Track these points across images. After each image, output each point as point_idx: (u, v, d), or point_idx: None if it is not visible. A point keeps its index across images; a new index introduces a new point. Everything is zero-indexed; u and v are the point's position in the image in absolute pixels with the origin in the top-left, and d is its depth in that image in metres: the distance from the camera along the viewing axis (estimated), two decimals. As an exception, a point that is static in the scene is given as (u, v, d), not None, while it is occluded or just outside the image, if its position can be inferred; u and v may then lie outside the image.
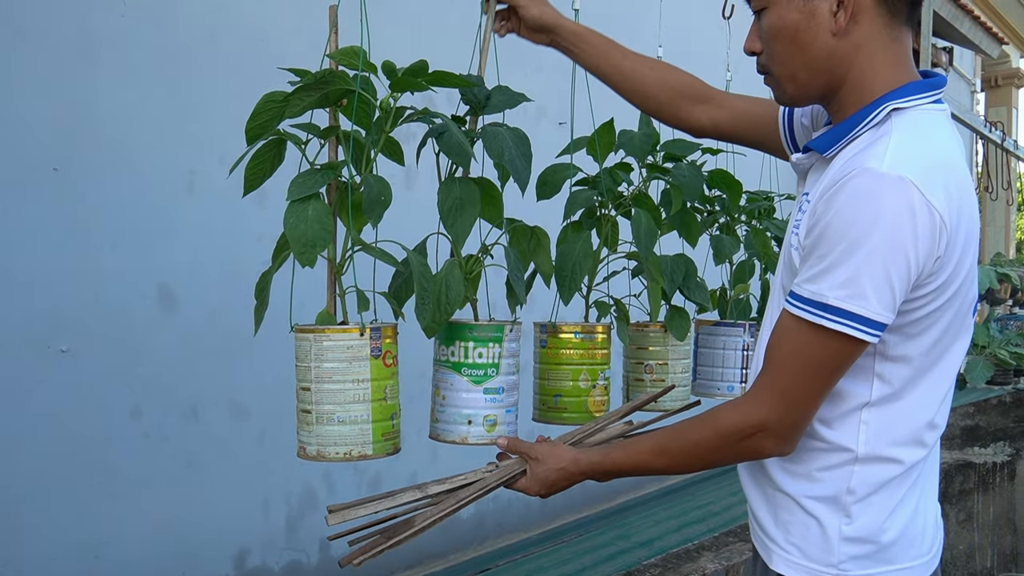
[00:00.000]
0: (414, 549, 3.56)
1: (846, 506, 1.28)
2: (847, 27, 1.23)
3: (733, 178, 2.24)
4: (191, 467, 2.85)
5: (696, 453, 1.33)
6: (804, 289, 1.20)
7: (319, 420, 1.43)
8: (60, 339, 2.54)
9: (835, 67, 1.26)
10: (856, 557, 1.28)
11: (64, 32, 2.53)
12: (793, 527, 1.32)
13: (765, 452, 1.28)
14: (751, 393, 1.28)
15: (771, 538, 1.35)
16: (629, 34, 4.45)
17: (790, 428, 1.25)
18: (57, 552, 2.53)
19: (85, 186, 2.58)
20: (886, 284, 1.15)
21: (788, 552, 1.32)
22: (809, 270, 1.19)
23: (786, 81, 1.30)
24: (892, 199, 1.13)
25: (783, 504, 1.33)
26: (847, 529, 1.28)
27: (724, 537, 3.42)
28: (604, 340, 1.88)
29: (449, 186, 1.56)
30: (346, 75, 1.45)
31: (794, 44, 1.26)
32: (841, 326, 1.17)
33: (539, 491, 1.48)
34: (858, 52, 1.24)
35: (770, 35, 1.29)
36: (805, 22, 1.24)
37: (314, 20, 2.85)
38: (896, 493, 1.29)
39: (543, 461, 1.46)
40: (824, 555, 1.29)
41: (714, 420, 1.30)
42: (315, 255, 1.39)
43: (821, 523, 1.29)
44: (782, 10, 1.26)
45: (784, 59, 1.28)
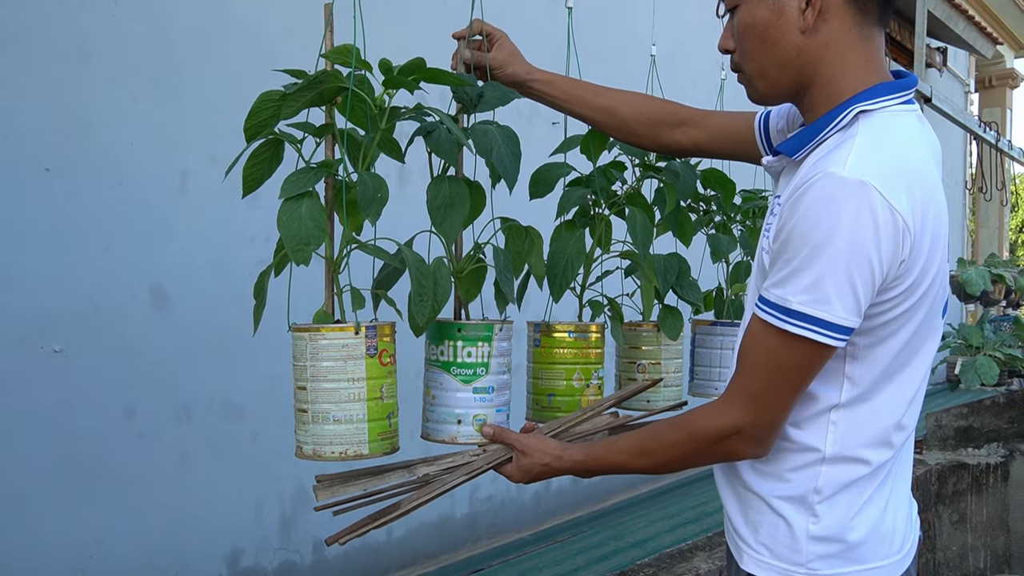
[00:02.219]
0: (407, 549, 3.56)
1: (812, 505, 1.29)
2: (816, 25, 1.24)
3: (726, 177, 2.25)
4: (184, 467, 2.84)
5: (672, 455, 1.34)
6: (770, 293, 1.21)
7: (315, 419, 1.43)
8: (53, 339, 2.53)
9: (804, 65, 1.26)
10: (824, 556, 1.29)
11: (56, 32, 2.52)
12: (762, 527, 1.33)
13: (740, 454, 1.29)
14: (724, 397, 1.29)
15: (742, 538, 1.36)
16: (622, 34, 4.47)
17: (764, 431, 1.26)
18: (51, 551, 2.53)
19: (77, 186, 2.58)
20: (849, 288, 1.15)
21: (758, 552, 1.33)
22: (775, 274, 1.20)
23: (757, 78, 1.31)
24: (853, 203, 1.13)
25: (753, 504, 1.34)
26: (814, 528, 1.29)
27: (718, 537, 3.42)
28: (598, 339, 1.87)
29: (439, 184, 1.56)
30: (340, 73, 1.45)
31: (764, 41, 1.27)
32: (805, 331, 1.17)
33: (522, 479, 1.49)
34: (827, 50, 1.25)
35: (741, 32, 1.29)
36: (774, 19, 1.25)
37: (306, 21, 2.85)
38: (863, 493, 1.29)
39: (529, 454, 1.47)
40: (792, 554, 1.30)
41: (689, 423, 1.31)
42: (309, 253, 1.38)
43: (789, 523, 1.30)
44: (752, 7, 1.27)
45: (755, 56, 1.29)
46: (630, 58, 3.38)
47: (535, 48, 1.79)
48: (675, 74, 2.92)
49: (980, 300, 6.25)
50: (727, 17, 1.37)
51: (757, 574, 1.33)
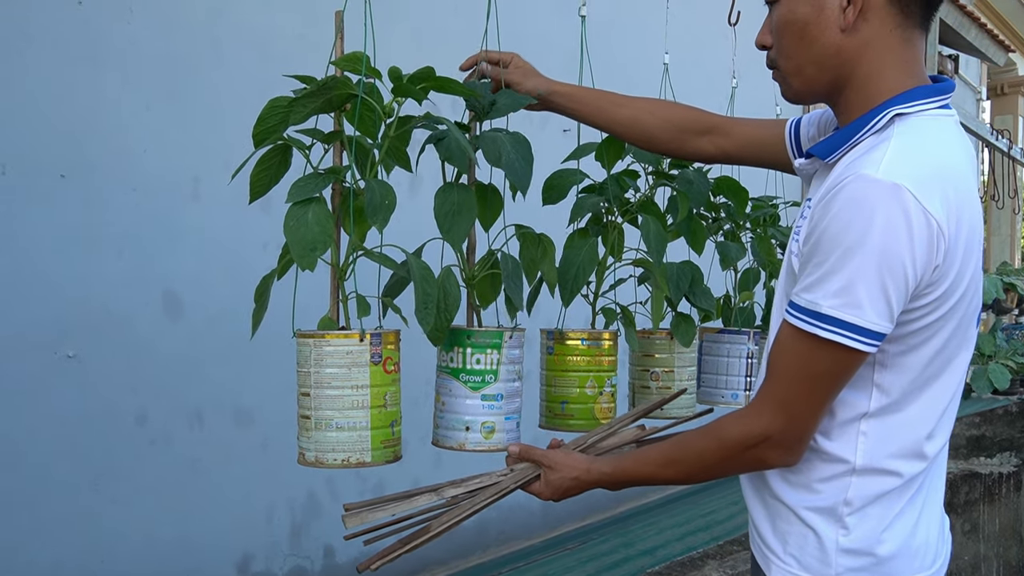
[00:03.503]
0: (417, 557, 3.55)
1: (842, 517, 1.27)
2: (856, 24, 1.21)
3: (739, 185, 2.24)
4: (195, 472, 2.85)
5: (702, 464, 1.32)
6: (800, 298, 1.18)
7: (318, 426, 1.43)
8: (66, 344, 2.54)
9: (842, 64, 1.24)
10: (854, 570, 1.26)
11: (71, 39, 2.54)
12: (791, 537, 1.31)
13: (770, 463, 1.27)
14: (754, 404, 1.27)
15: (769, 548, 1.34)
16: (635, 42, 4.47)
17: (794, 439, 1.24)
18: (62, 557, 2.53)
19: (91, 193, 2.59)
20: (881, 293, 1.13)
21: (786, 563, 1.31)
22: (806, 279, 1.18)
23: (792, 76, 1.29)
24: (886, 205, 1.11)
25: (781, 514, 1.32)
26: (844, 541, 1.27)
27: (728, 546, 3.41)
28: (611, 347, 1.87)
29: (447, 191, 1.56)
30: (349, 80, 1.45)
31: (803, 38, 1.25)
32: (835, 335, 1.15)
33: (551, 496, 1.48)
34: (866, 51, 1.22)
35: (780, 28, 1.28)
36: (814, 16, 1.23)
37: (317, 27, 2.86)
38: (894, 506, 1.27)
39: (557, 469, 1.46)
40: (821, 567, 1.28)
41: (718, 431, 1.29)
42: (315, 258, 1.38)
43: (818, 534, 1.28)
44: (792, 3, 1.25)
45: (792, 53, 1.27)
46: (643, 66, 3.39)
47: (548, 56, 1.79)
48: (688, 82, 2.92)
49: (992, 308, 6.23)
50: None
51: None
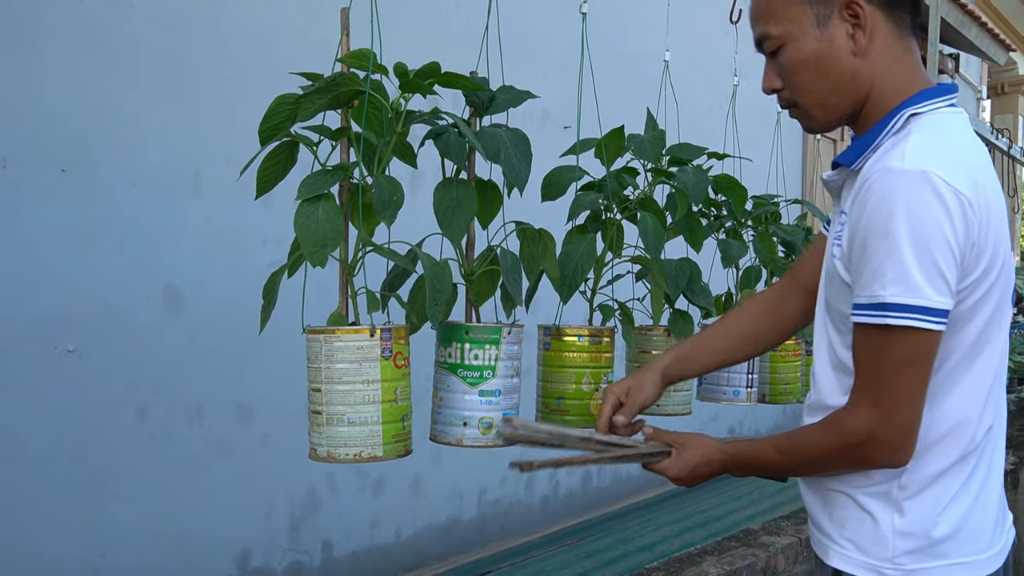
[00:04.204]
0: (416, 551, 3.57)
1: (897, 501, 1.31)
2: (866, 46, 1.29)
3: (738, 183, 2.25)
4: (196, 468, 2.86)
5: (811, 457, 1.36)
6: (861, 297, 1.23)
7: (329, 421, 1.43)
8: (66, 339, 2.55)
9: (860, 85, 1.31)
10: (909, 551, 1.30)
11: (73, 35, 2.54)
12: (848, 523, 1.35)
13: (876, 462, 1.29)
14: (848, 405, 1.30)
15: (827, 535, 1.38)
16: (636, 39, 4.46)
17: (897, 434, 1.26)
18: (63, 551, 2.54)
19: (92, 187, 2.60)
20: (936, 271, 1.18)
21: (844, 547, 1.35)
22: (860, 278, 1.23)
23: (815, 108, 1.35)
24: (918, 190, 1.17)
25: (837, 501, 1.36)
26: (900, 523, 1.30)
27: (726, 542, 3.42)
28: (608, 343, 1.88)
29: (446, 187, 1.57)
30: (357, 77, 1.46)
31: (819, 72, 1.31)
32: (905, 320, 1.19)
33: (679, 473, 1.49)
34: (877, 67, 1.30)
35: (792, 69, 1.33)
36: (825, 49, 1.30)
37: (320, 24, 2.86)
38: (948, 489, 1.30)
39: (689, 447, 1.49)
40: (879, 550, 1.32)
41: (829, 427, 1.32)
42: (326, 255, 1.39)
43: (875, 518, 1.32)
44: (800, 44, 1.31)
45: (811, 87, 1.33)
46: (644, 63, 3.40)
47: (548, 53, 1.80)
48: (688, 80, 2.93)
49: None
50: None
51: (845, 569, 1.34)
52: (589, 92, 1.98)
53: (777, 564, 3.34)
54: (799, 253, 2.58)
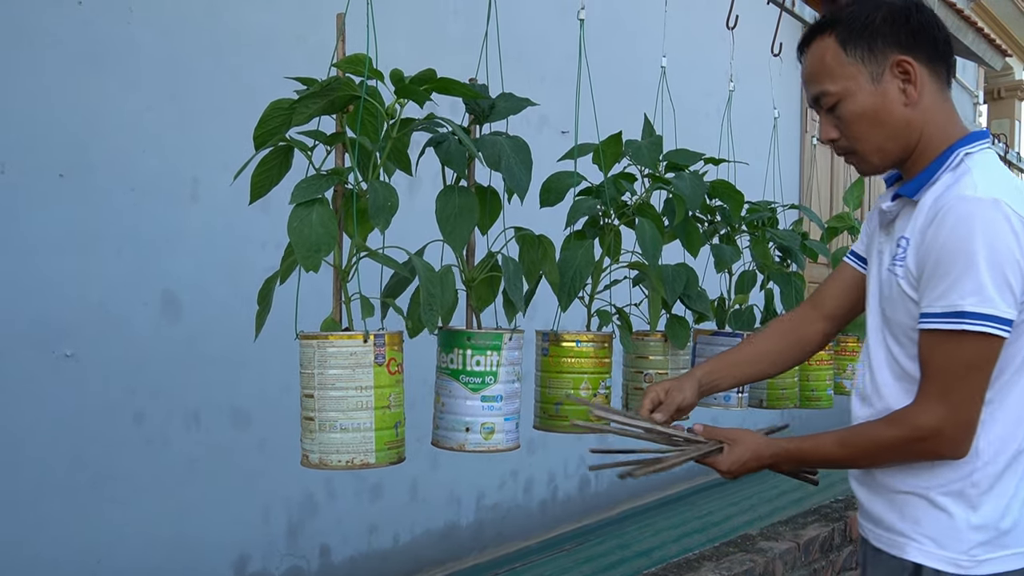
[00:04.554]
0: (413, 557, 3.57)
1: (971, 498, 1.44)
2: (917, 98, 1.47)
3: (734, 188, 2.25)
4: (193, 473, 2.85)
5: (877, 450, 1.49)
6: (936, 306, 1.39)
7: (322, 427, 1.43)
8: (64, 344, 2.55)
9: (912, 132, 1.49)
10: (982, 543, 1.44)
11: (71, 40, 2.54)
12: (923, 521, 1.47)
13: (938, 455, 1.44)
14: (919, 400, 1.44)
15: (900, 532, 1.50)
16: (633, 44, 4.46)
17: (961, 430, 1.42)
18: (60, 556, 2.54)
19: (90, 193, 2.60)
20: (1006, 285, 1.36)
21: (922, 543, 1.47)
22: (935, 290, 1.39)
23: (872, 154, 1.52)
24: (992, 215, 1.36)
25: (908, 501, 1.49)
26: (973, 519, 1.44)
27: (724, 547, 3.42)
28: (605, 349, 1.88)
29: (448, 195, 1.57)
30: (352, 82, 1.46)
31: (876, 123, 1.48)
32: (979, 326, 1.36)
33: (729, 468, 1.60)
34: (925, 115, 1.48)
35: (851, 121, 1.50)
36: (881, 102, 1.47)
37: (317, 29, 2.87)
38: (1010, 484, 1.45)
39: (740, 443, 1.60)
40: (956, 544, 1.45)
41: (896, 421, 1.46)
42: (319, 260, 1.39)
43: (951, 515, 1.45)
44: (858, 98, 1.48)
45: (869, 137, 1.50)
46: (641, 69, 3.40)
47: (546, 58, 1.80)
48: (685, 85, 2.94)
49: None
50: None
51: (926, 564, 1.46)
52: (587, 97, 1.98)
53: (775, 569, 3.34)
54: (796, 258, 2.58)
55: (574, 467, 4.35)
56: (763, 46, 3.06)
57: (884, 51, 1.47)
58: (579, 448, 4.34)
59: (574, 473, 4.36)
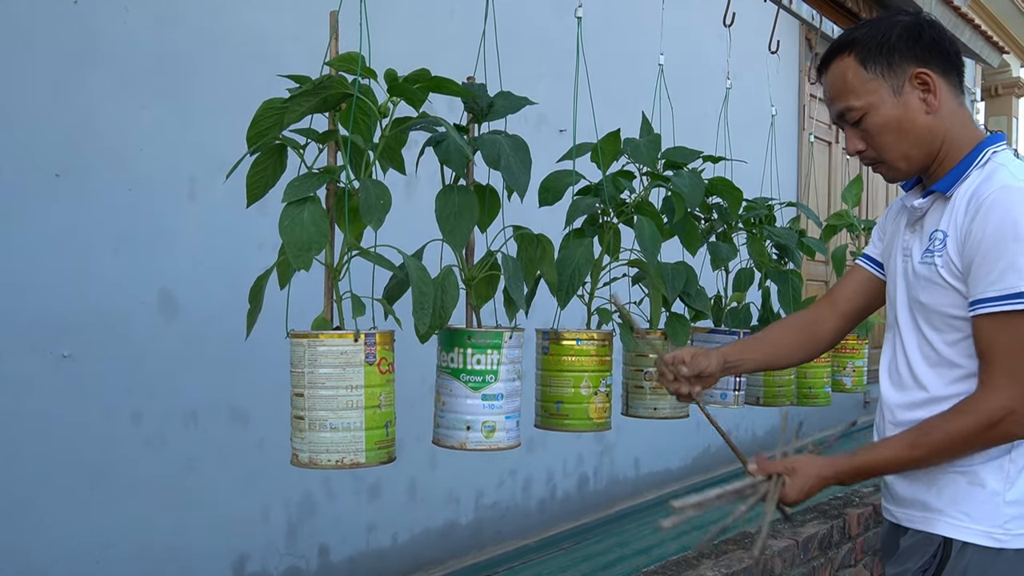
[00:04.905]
0: (413, 556, 3.56)
1: (1009, 473, 1.50)
2: (936, 106, 1.54)
3: (733, 185, 2.25)
4: (191, 472, 2.85)
5: (950, 443, 1.50)
6: (992, 290, 1.44)
7: (312, 426, 1.42)
8: (61, 344, 2.54)
9: (935, 138, 1.56)
10: (1015, 517, 1.49)
11: (66, 38, 2.53)
12: (960, 497, 1.52)
13: (1014, 434, 1.47)
14: (984, 386, 1.47)
15: (935, 510, 1.55)
16: (630, 42, 4.46)
17: None
18: (57, 556, 2.53)
19: (86, 192, 2.59)
20: None
21: (956, 518, 1.52)
22: (988, 275, 1.44)
23: (899, 162, 1.58)
24: None
25: (946, 480, 1.54)
26: (1009, 494, 1.50)
27: (724, 545, 3.41)
28: (605, 347, 1.88)
29: (448, 194, 1.56)
30: (344, 80, 1.46)
31: (900, 132, 1.55)
32: None
33: (797, 498, 1.63)
34: (945, 121, 1.55)
35: (877, 132, 1.56)
36: (903, 112, 1.54)
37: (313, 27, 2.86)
38: None
39: (800, 471, 1.61)
40: (992, 518, 1.50)
41: (966, 410, 1.49)
42: (310, 258, 1.38)
43: (987, 489, 1.50)
44: (882, 110, 1.54)
45: (895, 146, 1.56)
46: (638, 67, 3.39)
47: (543, 57, 1.80)
48: (682, 83, 2.93)
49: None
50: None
51: (956, 537, 1.52)
52: (584, 96, 1.98)
53: (774, 567, 3.34)
54: (793, 256, 2.58)
55: (572, 466, 4.35)
56: (760, 44, 3.06)
57: (902, 65, 1.54)
58: (578, 447, 4.34)
59: (572, 472, 4.36)
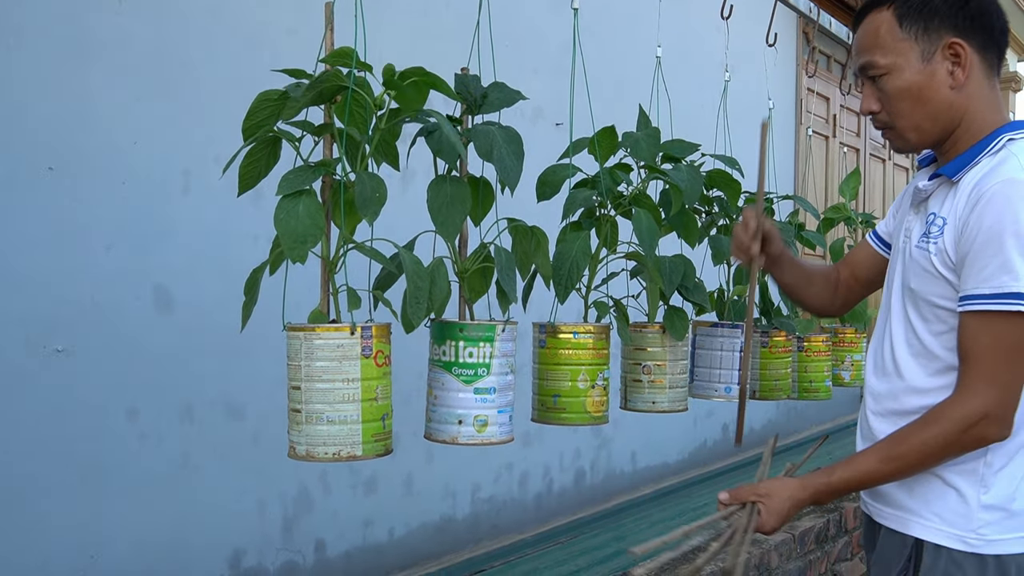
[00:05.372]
0: (409, 550, 3.56)
1: (983, 477, 1.45)
2: (963, 82, 1.46)
3: (731, 178, 2.24)
4: (186, 467, 2.84)
5: (926, 452, 1.46)
6: (984, 287, 1.38)
7: (308, 419, 1.42)
8: (55, 339, 2.53)
9: (953, 115, 1.48)
10: (990, 523, 1.45)
11: (60, 30, 2.52)
12: (933, 499, 1.48)
13: (989, 438, 1.43)
14: (962, 387, 1.43)
15: (908, 510, 1.52)
16: (628, 35, 4.45)
17: (1007, 411, 1.41)
18: (53, 553, 2.52)
19: (80, 185, 2.57)
20: None
21: (929, 520, 1.49)
22: (981, 271, 1.38)
23: (910, 132, 1.51)
24: None
25: (919, 479, 1.49)
26: (984, 498, 1.45)
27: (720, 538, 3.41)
28: (602, 341, 1.87)
29: (439, 184, 1.56)
30: (340, 73, 1.45)
31: (918, 101, 1.48)
32: None
33: (775, 525, 1.59)
34: (970, 101, 1.48)
35: (895, 96, 1.49)
36: (927, 81, 1.47)
37: (310, 21, 2.85)
38: (1023, 466, 1.45)
39: (773, 496, 1.57)
40: (964, 522, 1.46)
41: (939, 418, 1.45)
42: (306, 251, 1.38)
43: (961, 493, 1.46)
44: (905, 74, 1.47)
45: (909, 114, 1.49)
46: (635, 59, 3.38)
47: (540, 50, 1.79)
48: (680, 76, 2.92)
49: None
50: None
51: (928, 539, 1.48)
52: (581, 89, 1.97)
53: (771, 561, 3.34)
54: (791, 248, 2.57)
55: (569, 460, 4.35)
56: (758, 37, 3.05)
57: (939, 31, 1.46)
58: (574, 441, 4.34)
59: (569, 466, 4.35)
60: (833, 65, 6.87)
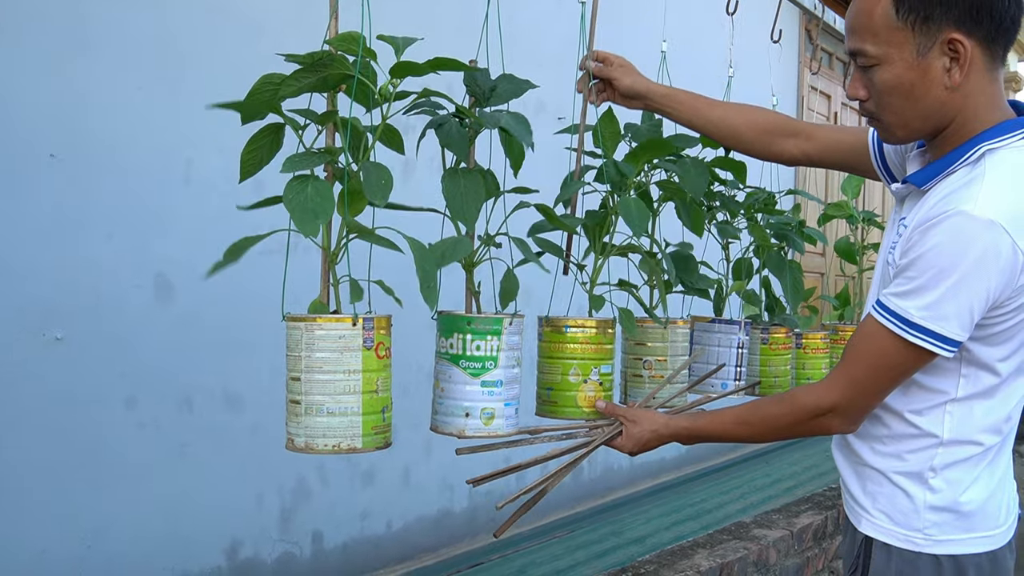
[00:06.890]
0: (406, 543, 3.56)
1: (927, 480, 1.45)
2: (960, 82, 1.36)
3: (734, 160, 2.24)
4: (184, 457, 2.84)
5: (772, 426, 1.55)
6: (891, 302, 1.37)
7: (308, 411, 1.41)
8: (55, 327, 2.52)
9: (945, 114, 1.38)
10: (938, 523, 1.44)
11: (60, 20, 2.51)
12: (880, 496, 1.49)
13: (832, 430, 1.49)
14: (828, 379, 1.48)
15: (861, 506, 1.53)
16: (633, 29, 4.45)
17: (856, 412, 1.46)
18: (49, 542, 2.52)
19: (81, 175, 2.57)
20: (966, 310, 1.32)
21: (876, 517, 1.50)
22: (898, 287, 1.36)
23: (897, 128, 1.43)
24: (981, 241, 1.28)
25: (872, 478, 1.51)
26: (931, 499, 1.45)
27: (718, 535, 3.41)
28: (596, 335, 1.84)
29: (454, 175, 1.56)
30: (345, 60, 1.44)
31: (909, 98, 1.38)
32: (922, 341, 1.35)
33: (632, 449, 1.68)
34: (966, 100, 1.37)
35: (884, 89, 1.39)
36: (919, 78, 1.36)
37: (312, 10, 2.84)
38: (974, 469, 1.44)
39: (638, 423, 1.66)
40: (911, 521, 1.46)
41: (792, 399, 1.52)
42: (318, 225, 1.36)
43: (908, 494, 1.46)
44: (896, 68, 1.36)
45: (898, 110, 1.40)
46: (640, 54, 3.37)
47: (544, 43, 1.78)
48: (685, 70, 2.91)
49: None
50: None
51: (876, 537, 1.49)
52: (585, 82, 1.95)
53: (769, 557, 3.34)
54: (793, 243, 2.57)
55: (568, 454, 4.35)
56: (763, 32, 3.04)
57: (940, 24, 1.32)
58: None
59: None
60: (835, 63, 6.86)
